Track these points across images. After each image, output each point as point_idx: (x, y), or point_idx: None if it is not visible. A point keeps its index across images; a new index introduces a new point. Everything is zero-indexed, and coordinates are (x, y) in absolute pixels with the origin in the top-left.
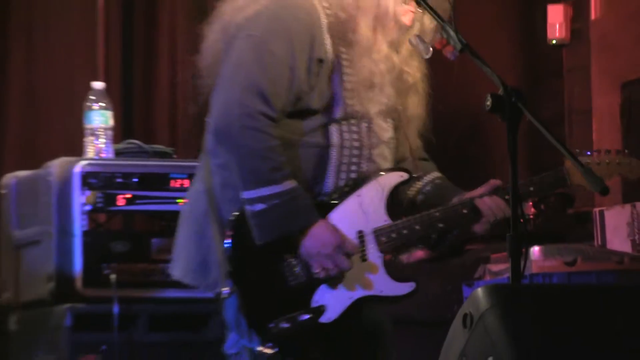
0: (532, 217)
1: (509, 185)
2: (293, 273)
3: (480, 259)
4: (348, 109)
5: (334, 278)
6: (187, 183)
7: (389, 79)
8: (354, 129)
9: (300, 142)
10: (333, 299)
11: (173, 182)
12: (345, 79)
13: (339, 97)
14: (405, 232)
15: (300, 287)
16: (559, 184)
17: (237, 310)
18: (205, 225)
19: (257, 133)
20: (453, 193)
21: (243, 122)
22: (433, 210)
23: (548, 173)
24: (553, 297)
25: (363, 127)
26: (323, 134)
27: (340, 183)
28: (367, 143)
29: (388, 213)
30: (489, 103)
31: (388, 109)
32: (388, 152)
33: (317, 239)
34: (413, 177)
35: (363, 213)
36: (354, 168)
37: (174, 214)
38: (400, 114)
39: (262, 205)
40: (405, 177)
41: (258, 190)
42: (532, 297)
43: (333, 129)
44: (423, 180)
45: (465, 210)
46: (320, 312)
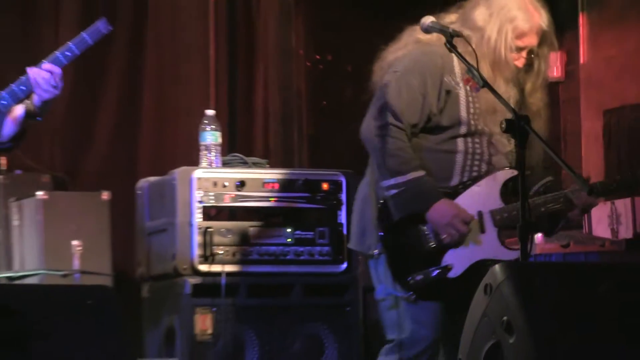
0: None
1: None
2: (427, 239)
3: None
4: (472, 128)
5: (458, 243)
6: (277, 186)
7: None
8: (477, 142)
9: (434, 148)
10: (458, 260)
11: (266, 185)
12: (471, 106)
13: (465, 118)
14: (514, 212)
15: (433, 250)
16: (566, 206)
17: (385, 267)
18: (365, 207)
19: (387, 138)
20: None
21: (377, 131)
22: (536, 199)
23: (555, 197)
24: (552, 271)
25: (484, 140)
26: (451, 144)
27: (464, 179)
28: (486, 152)
29: (501, 199)
30: (504, 126)
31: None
32: (506, 161)
33: (439, 212)
34: (528, 175)
35: (482, 198)
36: (475, 169)
37: (267, 210)
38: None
39: (394, 191)
40: (515, 173)
41: (390, 180)
42: (536, 271)
43: (459, 141)
44: (538, 184)
45: (562, 200)
46: (448, 269)
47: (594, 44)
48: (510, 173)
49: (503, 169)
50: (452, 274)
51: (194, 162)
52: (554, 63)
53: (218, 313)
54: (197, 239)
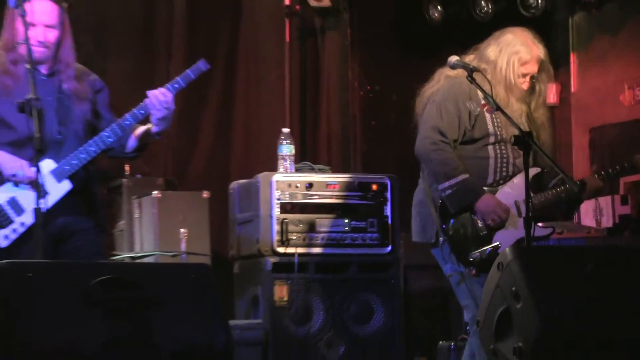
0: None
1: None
2: (478, 226)
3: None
4: (498, 137)
5: (501, 226)
6: (337, 187)
7: (522, 116)
8: (503, 148)
9: (471, 156)
10: (504, 239)
11: (329, 186)
12: (495, 120)
13: (492, 130)
14: (542, 199)
15: (484, 233)
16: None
17: (448, 250)
18: (422, 208)
19: (438, 151)
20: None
21: (430, 147)
22: (559, 190)
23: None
24: (550, 252)
25: (509, 146)
26: (484, 151)
27: (497, 178)
28: (511, 156)
29: (533, 190)
30: (512, 139)
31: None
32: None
33: (484, 203)
34: (546, 172)
35: (517, 190)
36: (505, 170)
37: (330, 205)
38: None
39: (449, 191)
40: (539, 170)
41: (444, 183)
42: (537, 252)
43: (490, 148)
44: (556, 178)
45: (579, 187)
46: (497, 247)
47: (582, 77)
48: (535, 171)
49: (530, 168)
50: (500, 250)
51: (274, 168)
52: (551, 92)
53: (292, 285)
54: (275, 228)
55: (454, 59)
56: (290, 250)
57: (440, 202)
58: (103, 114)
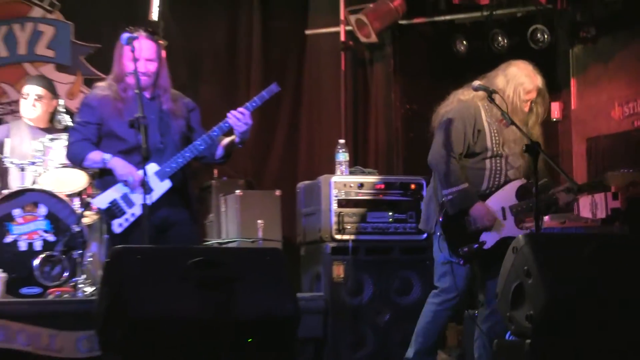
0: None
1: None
2: (469, 226)
3: (519, 221)
4: (495, 152)
5: (488, 228)
6: (382, 186)
7: (520, 139)
8: (498, 161)
9: (471, 167)
10: (489, 238)
11: (376, 186)
12: (494, 138)
13: (491, 146)
14: (524, 206)
15: (474, 232)
16: (555, 201)
17: (443, 243)
18: (429, 203)
19: (445, 163)
20: (554, 187)
21: (439, 159)
22: (540, 197)
23: (549, 197)
24: (555, 238)
25: (503, 160)
26: (482, 164)
27: (490, 185)
28: (504, 168)
29: (517, 198)
30: (524, 148)
31: (521, 154)
32: (518, 173)
33: (476, 210)
34: (530, 182)
35: (504, 198)
36: (497, 179)
37: (377, 201)
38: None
39: (450, 196)
40: (524, 182)
41: (448, 189)
42: (545, 238)
43: (487, 161)
44: (540, 183)
45: (555, 197)
46: (483, 244)
47: (580, 97)
48: (520, 182)
49: (516, 180)
50: (486, 247)
51: (332, 171)
52: (555, 109)
53: (347, 264)
54: (333, 219)
55: (477, 83)
56: (346, 237)
57: (442, 202)
58: (195, 128)
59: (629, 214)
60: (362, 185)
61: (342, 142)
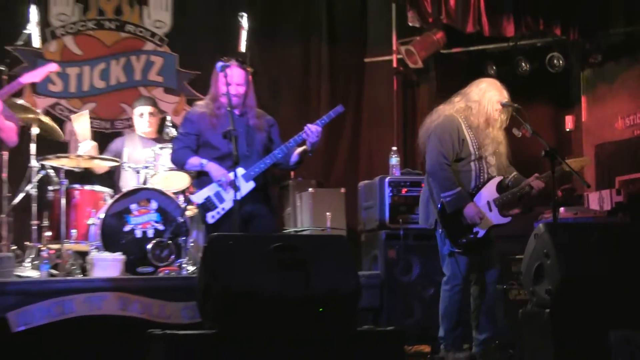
0: (560, 195)
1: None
2: (465, 222)
3: (539, 212)
4: (477, 155)
5: (479, 222)
6: (423, 185)
7: (494, 142)
8: (481, 163)
9: (460, 170)
10: (480, 229)
11: (422, 184)
12: (476, 144)
13: (473, 151)
14: (505, 199)
15: (469, 225)
16: (529, 191)
17: (445, 237)
18: (427, 202)
19: (442, 171)
20: (523, 180)
21: (437, 167)
22: (515, 190)
23: (522, 188)
24: (569, 226)
25: (483, 161)
26: (468, 166)
27: (477, 184)
28: (485, 168)
29: (497, 192)
30: (543, 153)
31: (493, 153)
32: (495, 170)
33: (469, 209)
34: (505, 177)
35: (488, 193)
36: (481, 178)
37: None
38: (497, 154)
39: (448, 198)
40: (501, 178)
41: (445, 192)
42: (560, 226)
43: (472, 164)
44: (509, 178)
45: (528, 188)
46: (477, 233)
47: (590, 111)
48: (499, 179)
49: (495, 177)
50: (479, 236)
51: (386, 172)
52: (569, 121)
53: (398, 248)
54: (388, 211)
55: (504, 100)
56: (397, 226)
57: (441, 204)
58: (275, 140)
59: (630, 207)
60: (410, 184)
61: (394, 148)
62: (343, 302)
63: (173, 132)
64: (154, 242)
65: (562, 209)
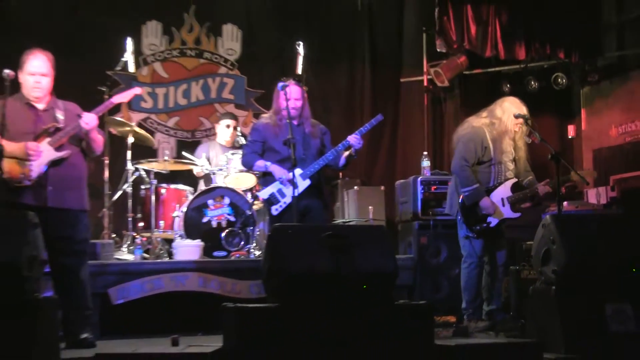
0: (564, 192)
1: (552, 182)
2: (480, 212)
3: (546, 206)
4: (497, 160)
5: (492, 213)
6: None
7: (511, 148)
8: (499, 166)
9: (480, 171)
10: (494, 219)
11: (449, 182)
12: (496, 151)
13: (494, 156)
14: (517, 197)
15: (483, 215)
16: (535, 193)
17: (463, 223)
18: (453, 195)
19: (463, 170)
20: (536, 183)
21: (459, 167)
22: (526, 191)
23: (531, 191)
24: (572, 217)
25: (502, 165)
26: (488, 168)
27: (495, 183)
28: (503, 171)
29: (511, 191)
30: (550, 157)
31: (513, 159)
32: (512, 173)
33: (484, 202)
34: (521, 180)
35: (503, 192)
36: (499, 179)
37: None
38: (517, 159)
39: (466, 193)
40: (516, 180)
41: (465, 188)
42: (565, 217)
43: (492, 167)
44: (525, 180)
45: (537, 190)
46: (490, 223)
47: (588, 122)
48: (514, 181)
49: (511, 179)
50: (491, 225)
51: (419, 173)
52: (571, 130)
53: (429, 236)
54: (420, 205)
55: (517, 113)
56: (428, 217)
57: (462, 197)
58: (327, 145)
59: (623, 201)
60: (439, 182)
61: (425, 153)
62: (383, 280)
63: (242, 140)
64: (227, 231)
65: (565, 203)
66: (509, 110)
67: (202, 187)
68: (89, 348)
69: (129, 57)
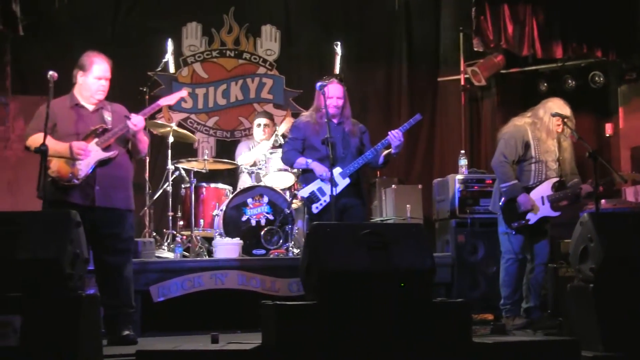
0: (602, 190)
1: (591, 183)
2: (518, 208)
3: (584, 204)
4: (537, 158)
5: (531, 210)
6: (490, 182)
7: (555, 148)
8: (540, 165)
9: (522, 169)
10: (533, 217)
11: (486, 181)
12: (537, 150)
13: (535, 155)
14: (557, 196)
15: (522, 212)
16: (577, 193)
17: (501, 218)
18: (497, 192)
19: (502, 167)
20: (581, 184)
21: (498, 164)
22: (567, 190)
23: (574, 191)
24: (609, 215)
25: (543, 164)
26: (529, 167)
27: (535, 182)
28: (544, 170)
29: (552, 190)
30: (588, 155)
31: (557, 159)
32: (554, 173)
33: (522, 198)
34: (565, 180)
35: (544, 190)
36: (539, 178)
37: (487, 192)
38: (561, 160)
39: (505, 189)
40: (557, 179)
41: (504, 184)
42: (602, 215)
43: (532, 165)
44: (570, 182)
45: (578, 189)
46: (528, 220)
47: (626, 120)
48: (556, 179)
49: (552, 178)
50: (530, 222)
51: (456, 171)
52: (609, 128)
53: (466, 234)
54: (457, 204)
55: (554, 112)
56: (465, 216)
57: (501, 193)
58: (366, 144)
59: None
60: (476, 181)
61: (462, 152)
62: (421, 278)
63: (281, 139)
64: (266, 229)
65: (603, 201)
66: (550, 110)
67: (242, 185)
68: (131, 345)
69: (170, 58)
